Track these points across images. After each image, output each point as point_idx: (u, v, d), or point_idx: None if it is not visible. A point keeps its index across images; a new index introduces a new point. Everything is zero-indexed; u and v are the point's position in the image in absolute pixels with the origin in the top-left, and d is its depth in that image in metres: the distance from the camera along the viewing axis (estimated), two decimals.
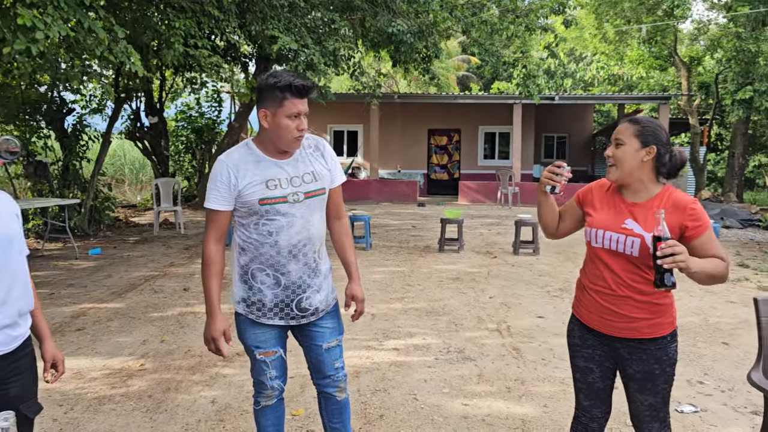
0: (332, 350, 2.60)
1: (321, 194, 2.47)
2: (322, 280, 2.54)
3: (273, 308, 2.46)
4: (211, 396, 3.92)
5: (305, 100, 2.33)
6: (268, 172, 2.38)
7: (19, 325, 1.99)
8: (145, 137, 14.61)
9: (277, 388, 2.61)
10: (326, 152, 2.54)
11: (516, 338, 5.16)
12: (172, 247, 9.71)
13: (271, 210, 2.36)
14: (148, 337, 5.11)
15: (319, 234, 2.48)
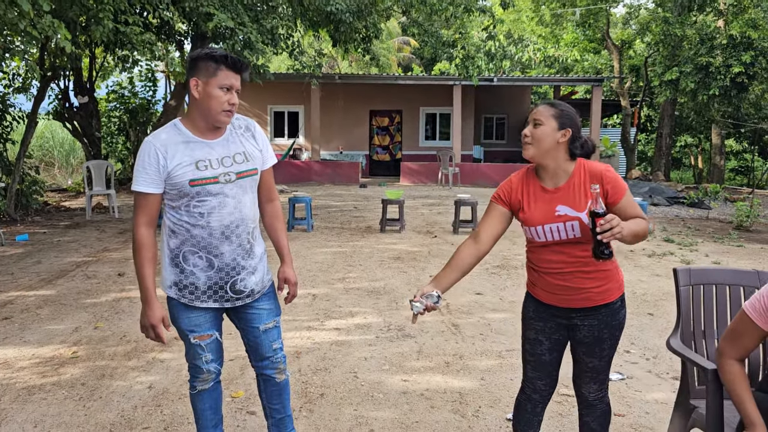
0: (270, 331, 2.58)
1: (253, 175, 2.45)
2: (257, 262, 2.51)
3: (207, 291, 2.41)
4: (148, 381, 3.84)
5: (239, 77, 2.31)
6: (198, 153, 2.34)
7: None
8: (74, 118, 14.02)
9: (213, 372, 2.58)
10: (257, 133, 2.52)
11: (455, 315, 5.26)
12: (106, 231, 9.41)
13: (202, 191, 2.32)
14: (81, 324, 4.96)
15: (251, 215, 2.46)
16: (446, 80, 18.32)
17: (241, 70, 2.31)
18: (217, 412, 2.70)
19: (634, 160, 22.43)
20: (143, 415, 3.39)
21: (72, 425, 3.27)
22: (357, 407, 3.52)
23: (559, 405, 3.55)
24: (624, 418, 3.43)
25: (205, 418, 2.67)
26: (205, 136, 2.37)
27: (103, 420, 3.33)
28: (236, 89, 2.32)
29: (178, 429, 3.24)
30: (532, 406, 2.57)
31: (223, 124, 2.37)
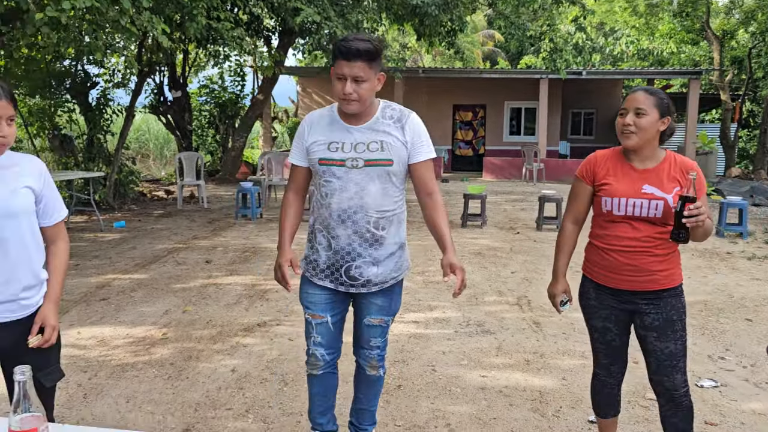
0: (373, 327, 2.57)
1: (384, 165, 2.37)
2: (383, 254, 2.46)
3: (325, 270, 2.48)
4: (232, 365, 3.96)
5: (353, 64, 2.23)
6: (335, 135, 2.38)
7: (30, 297, 1.98)
8: (168, 111, 14.69)
9: (320, 359, 2.59)
10: (408, 125, 2.41)
11: (536, 312, 5.12)
12: (196, 220, 9.80)
13: (327, 171, 2.38)
14: (171, 307, 5.18)
15: (376, 204, 2.39)
16: (532, 74, 17.90)
17: (354, 57, 2.22)
18: (327, 399, 2.73)
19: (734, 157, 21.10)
20: (227, 397, 3.50)
21: (161, 402, 3.41)
22: (434, 401, 3.49)
23: (646, 410, 3.39)
24: (716, 428, 3.22)
25: (313, 402, 2.73)
26: (349, 120, 2.39)
27: (189, 399, 3.46)
28: (351, 77, 2.24)
29: (259, 412, 3.32)
30: (609, 389, 2.65)
31: (349, 111, 2.35)
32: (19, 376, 1.24)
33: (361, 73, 2.24)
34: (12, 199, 1.90)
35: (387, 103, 2.47)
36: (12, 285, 1.90)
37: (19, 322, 1.94)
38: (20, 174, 1.95)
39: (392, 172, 2.39)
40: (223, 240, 8.16)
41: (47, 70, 10.84)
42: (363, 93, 2.27)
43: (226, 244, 7.85)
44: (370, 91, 2.30)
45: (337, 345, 2.64)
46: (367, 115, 2.38)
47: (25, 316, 1.95)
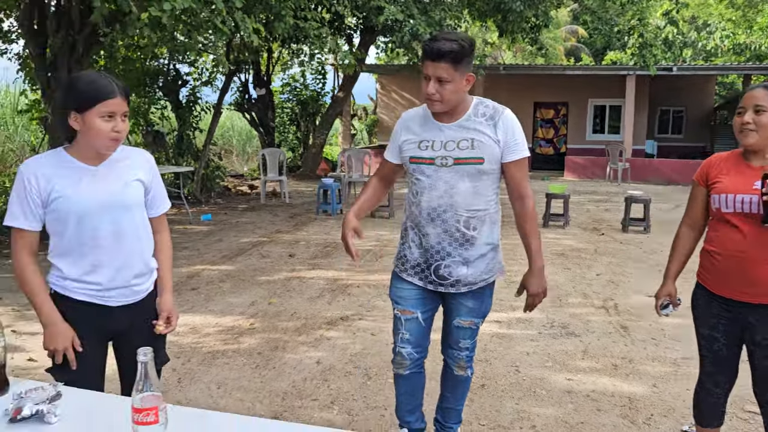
0: (463, 329, 2.54)
1: (475, 163, 2.31)
2: (473, 255, 2.41)
3: (414, 267, 2.48)
4: (316, 357, 4.04)
5: (437, 65, 2.20)
6: (427, 133, 2.38)
7: (141, 283, 2.08)
8: (252, 109, 15.13)
9: (406, 357, 2.57)
10: (501, 123, 2.33)
11: (623, 316, 4.95)
12: (278, 215, 10.06)
13: (417, 170, 2.39)
14: (257, 298, 5.34)
15: (466, 203, 2.34)
16: (618, 70, 17.25)
17: (437, 57, 2.18)
18: (414, 398, 2.72)
19: None
20: (312, 388, 3.57)
21: (250, 390, 3.53)
22: (518, 401, 3.44)
23: (745, 423, 3.21)
24: None
25: (400, 401, 2.73)
26: (441, 118, 2.37)
27: (276, 388, 3.56)
28: (437, 78, 2.21)
29: (343, 404, 3.37)
30: (714, 398, 2.54)
31: (432, 110, 2.35)
32: (142, 357, 1.31)
33: (445, 74, 2.20)
34: (125, 192, 2.00)
35: (481, 100, 2.41)
36: (125, 272, 2.01)
37: (130, 306, 2.05)
38: (131, 167, 2.05)
39: (483, 170, 2.33)
40: (305, 234, 8.33)
41: (142, 69, 11.42)
42: (446, 94, 2.24)
43: (308, 239, 8.01)
44: (454, 93, 2.26)
45: (424, 344, 2.61)
46: (458, 112, 2.35)
47: (136, 301, 2.06)
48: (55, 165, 1.93)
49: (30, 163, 1.94)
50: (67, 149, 1.96)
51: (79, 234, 1.94)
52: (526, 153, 2.41)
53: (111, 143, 1.92)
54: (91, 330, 1.99)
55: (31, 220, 1.92)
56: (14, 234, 1.94)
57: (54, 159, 1.94)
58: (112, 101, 1.86)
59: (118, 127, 1.90)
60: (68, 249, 1.96)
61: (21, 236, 1.93)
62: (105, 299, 2.00)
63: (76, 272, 1.96)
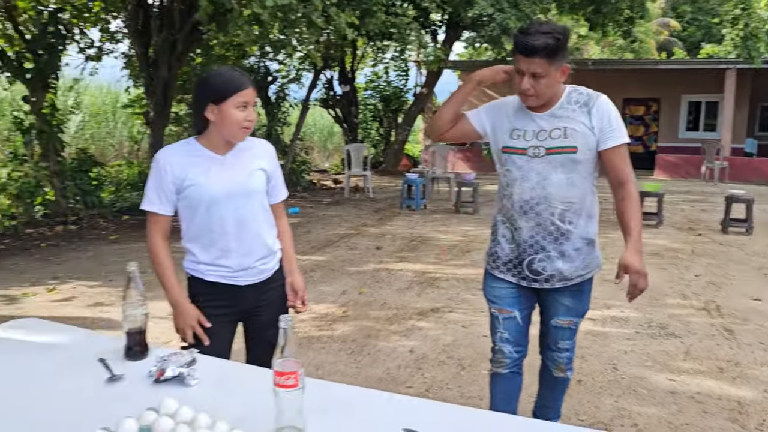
0: (561, 329, 2.44)
1: (568, 152, 2.22)
2: (568, 249, 2.30)
3: (507, 263, 2.39)
4: (409, 346, 4.08)
5: (531, 60, 2.12)
6: (518, 122, 2.30)
7: (266, 264, 2.18)
8: (337, 105, 15.40)
9: (507, 355, 2.47)
10: (595, 110, 2.23)
11: (727, 319, 4.72)
12: (363, 209, 10.19)
13: (508, 160, 2.31)
14: (348, 288, 5.44)
15: (560, 195, 2.24)
16: (716, 64, 16.39)
17: (529, 53, 2.11)
18: (509, 402, 2.58)
19: None
20: (406, 375, 3.62)
21: (346, 374, 3.61)
22: (618, 399, 3.35)
23: None
24: None
25: (494, 402, 2.60)
26: (534, 109, 2.27)
27: (372, 374, 3.62)
28: (529, 73, 2.14)
29: (438, 392, 3.40)
30: None
31: (528, 104, 2.26)
32: (283, 324, 1.38)
33: (539, 69, 2.12)
34: (249, 181, 2.11)
35: (575, 87, 2.30)
36: (250, 256, 2.12)
37: (257, 285, 2.16)
38: (256, 156, 2.16)
39: (577, 160, 2.22)
40: (390, 228, 8.41)
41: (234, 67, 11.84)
42: (541, 89, 2.17)
43: (393, 232, 8.08)
44: (549, 87, 2.18)
45: (524, 342, 2.50)
46: (551, 101, 2.26)
47: (262, 280, 2.17)
48: (188, 154, 2.06)
49: (165, 152, 2.07)
50: (198, 139, 2.08)
51: (208, 220, 2.06)
52: (625, 139, 2.26)
53: (242, 131, 2.03)
54: (222, 309, 2.12)
55: (165, 204, 2.05)
56: (150, 218, 2.08)
57: (186, 148, 2.08)
58: (246, 92, 1.98)
59: (250, 116, 2.02)
60: (197, 234, 2.09)
61: (156, 220, 2.07)
62: (235, 279, 2.11)
63: (207, 257, 2.09)
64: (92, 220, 8.32)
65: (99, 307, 4.88)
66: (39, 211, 8.27)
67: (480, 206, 9.57)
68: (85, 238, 7.46)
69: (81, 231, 7.82)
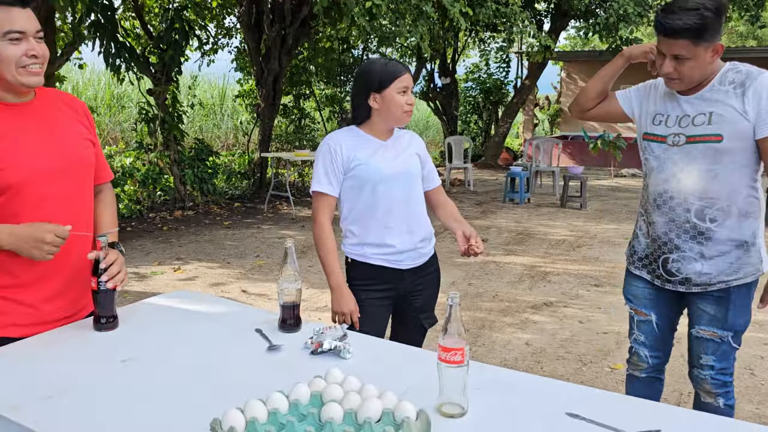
0: (702, 341, 2.14)
1: (710, 141, 1.98)
2: (709, 251, 2.06)
3: (643, 259, 2.24)
4: (525, 338, 4.01)
5: (673, 42, 1.93)
6: (663, 106, 2.12)
7: (425, 246, 2.24)
8: (437, 97, 15.35)
9: (643, 359, 2.30)
10: (752, 90, 1.94)
11: None
12: (465, 201, 10.12)
13: (647, 148, 2.15)
14: (456, 279, 5.42)
15: (698, 190, 2.02)
16: None
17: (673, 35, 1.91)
18: None
19: None
20: (525, 367, 3.55)
21: None
22: (758, 406, 3.15)
23: None
24: None
25: None
26: (683, 91, 2.07)
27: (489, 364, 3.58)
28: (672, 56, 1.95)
29: None
30: None
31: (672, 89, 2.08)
32: (450, 301, 1.38)
33: (683, 51, 1.92)
34: (411, 163, 2.21)
35: (734, 65, 2.02)
36: (414, 235, 2.18)
37: (416, 269, 2.21)
38: (410, 143, 2.27)
39: (723, 149, 1.96)
40: (495, 221, 8.30)
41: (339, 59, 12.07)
42: (686, 71, 1.95)
43: (498, 225, 7.97)
44: (696, 69, 1.95)
45: (665, 349, 2.30)
46: (703, 83, 2.02)
47: (421, 264, 2.23)
48: (354, 137, 2.17)
49: (333, 135, 2.20)
50: (360, 127, 2.19)
51: (374, 200, 2.14)
52: None
53: (406, 115, 2.12)
54: (383, 293, 2.20)
55: (334, 185, 2.16)
56: (318, 199, 2.17)
57: (351, 133, 2.19)
58: (404, 77, 2.09)
59: (410, 100, 2.11)
60: (361, 215, 2.18)
61: (325, 201, 2.16)
62: (397, 263, 2.18)
63: (372, 236, 2.17)
64: (207, 206, 8.75)
65: (220, 286, 5.12)
66: (160, 197, 8.80)
67: (587, 201, 9.25)
68: (201, 223, 7.86)
69: (197, 216, 8.25)
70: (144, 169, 8.45)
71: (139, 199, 8.41)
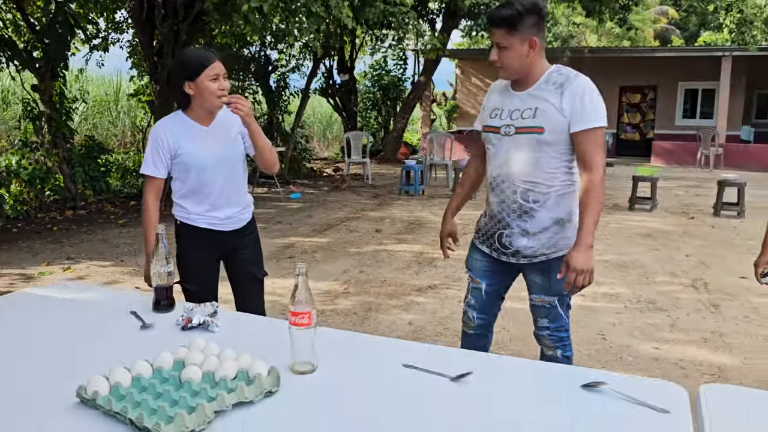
0: (537, 308, 2.46)
1: (535, 133, 2.24)
2: (533, 228, 2.33)
3: (484, 234, 2.50)
4: (408, 318, 4.30)
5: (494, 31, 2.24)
6: (500, 101, 2.39)
7: (243, 213, 2.60)
8: (336, 94, 15.56)
9: (472, 319, 2.61)
10: (569, 91, 2.21)
11: (714, 295, 4.93)
12: (362, 195, 10.40)
13: (486, 138, 2.42)
14: (348, 267, 5.66)
15: (523, 174, 2.30)
16: (713, 51, 16.53)
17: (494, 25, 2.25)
18: None
19: None
20: None
21: None
22: (605, 365, 3.56)
23: None
24: None
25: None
26: (516, 88, 2.35)
27: None
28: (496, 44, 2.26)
29: None
30: None
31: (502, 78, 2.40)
32: (298, 271, 1.58)
33: (501, 40, 2.20)
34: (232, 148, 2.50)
35: (558, 67, 2.30)
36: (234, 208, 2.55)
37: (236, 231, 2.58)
38: (231, 124, 2.49)
39: (544, 141, 2.23)
40: (390, 212, 8.62)
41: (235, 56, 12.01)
42: (505, 60, 2.23)
43: (392, 216, 8.29)
44: (514, 59, 2.22)
45: (491, 311, 2.62)
46: (531, 80, 2.29)
47: (241, 227, 2.59)
48: (180, 123, 2.44)
49: (161, 123, 2.47)
50: (186, 112, 2.45)
51: (199, 183, 2.47)
52: (598, 123, 2.21)
53: (217, 100, 2.36)
54: (209, 250, 2.55)
55: (160, 168, 2.45)
56: (146, 180, 2.48)
57: (178, 119, 2.46)
58: (214, 65, 2.34)
59: (223, 85, 2.37)
60: (189, 193, 2.50)
61: (151, 182, 2.48)
62: (220, 227, 2.54)
63: (199, 209, 2.51)
64: (100, 206, 8.53)
65: (112, 284, 5.10)
66: (49, 196, 8.48)
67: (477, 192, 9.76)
68: (94, 223, 7.67)
69: (90, 216, 8.03)
70: (30, 168, 8.12)
71: (26, 200, 8.07)
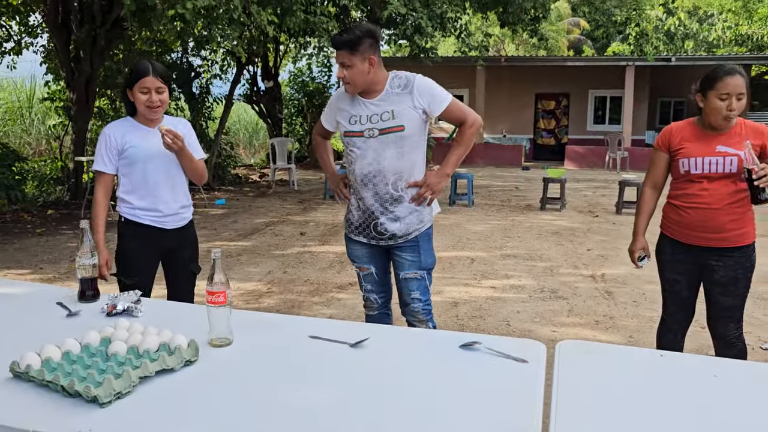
0: (409, 281, 2.78)
1: (397, 131, 2.61)
2: (403, 211, 2.71)
3: (358, 227, 2.79)
4: (329, 313, 4.53)
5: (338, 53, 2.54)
6: (355, 110, 2.67)
7: (185, 212, 2.82)
8: (261, 101, 15.59)
9: (374, 302, 2.92)
10: (416, 89, 2.62)
11: (609, 283, 5.41)
12: (288, 200, 10.55)
13: (350, 142, 2.70)
14: (272, 269, 5.83)
15: (393, 167, 2.64)
16: (618, 61, 17.63)
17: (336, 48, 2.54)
18: None
19: None
20: None
21: None
22: None
23: None
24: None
25: None
26: (365, 96, 2.65)
27: None
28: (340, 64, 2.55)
29: None
30: (672, 334, 2.90)
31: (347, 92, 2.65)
32: (214, 255, 1.79)
33: (345, 59, 2.52)
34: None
35: (395, 73, 2.67)
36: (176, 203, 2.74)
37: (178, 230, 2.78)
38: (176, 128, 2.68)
39: (405, 136, 2.61)
40: (314, 216, 8.82)
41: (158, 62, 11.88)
42: (350, 76, 2.54)
43: (316, 220, 8.50)
44: (358, 75, 2.54)
45: (386, 289, 2.93)
46: (377, 89, 2.63)
47: (182, 226, 2.80)
48: (128, 126, 2.68)
49: (111, 125, 2.72)
50: (134, 117, 2.70)
51: (144, 176, 2.65)
52: (449, 98, 2.66)
53: (148, 110, 2.60)
54: (151, 246, 2.73)
55: (108, 165, 2.67)
56: (97, 176, 2.69)
57: (127, 122, 2.70)
58: (145, 79, 2.55)
59: (152, 99, 2.57)
60: (135, 187, 2.69)
61: (102, 177, 2.68)
62: (163, 223, 2.71)
63: (143, 203, 2.68)
64: (16, 215, 8.31)
65: None
66: None
67: None
68: (10, 232, 7.48)
69: (5, 225, 7.83)
70: None
71: None
